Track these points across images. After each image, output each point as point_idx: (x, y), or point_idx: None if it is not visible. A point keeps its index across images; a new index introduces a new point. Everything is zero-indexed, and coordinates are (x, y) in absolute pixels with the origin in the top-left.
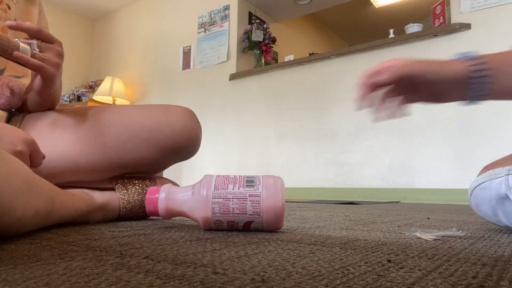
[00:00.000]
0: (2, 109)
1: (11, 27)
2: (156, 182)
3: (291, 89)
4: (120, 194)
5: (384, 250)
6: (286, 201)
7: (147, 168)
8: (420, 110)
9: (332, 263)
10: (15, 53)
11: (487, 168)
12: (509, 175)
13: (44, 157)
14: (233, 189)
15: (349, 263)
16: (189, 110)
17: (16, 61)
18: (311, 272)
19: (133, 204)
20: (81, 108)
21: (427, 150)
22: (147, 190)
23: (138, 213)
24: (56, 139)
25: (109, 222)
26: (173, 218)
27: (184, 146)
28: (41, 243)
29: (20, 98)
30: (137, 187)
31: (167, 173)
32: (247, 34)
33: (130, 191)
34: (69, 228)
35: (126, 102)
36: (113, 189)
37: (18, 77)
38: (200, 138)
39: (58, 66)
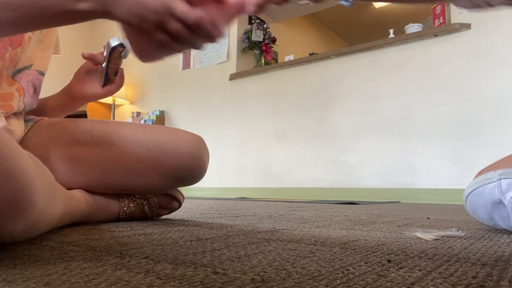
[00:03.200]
0: (25, 105)
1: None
2: (158, 197)
3: (291, 89)
4: (121, 200)
5: (384, 250)
6: (286, 201)
7: (148, 192)
8: (420, 110)
9: (332, 263)
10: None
11: (481, 172)
12: (502, 180)
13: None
14: None
15: (349, 263)
16: (199, 138)
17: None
18: (311, 272)
19: (133, 209)
20: (87, 122)
21: (427, 150)
22: (147, 201)
23: (137, 218)
24: (59, 156)
25: (108, 222)
26: (172, 218)
27: (190, 176)
28: (41, 243)
29: (38, 98)
30: (138, 197)
31: None
32: (247, 34)
33: (132, 198)
34: (69, 228)
35: (126, 102)
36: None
37: (42, 73)
38: (207, 166)
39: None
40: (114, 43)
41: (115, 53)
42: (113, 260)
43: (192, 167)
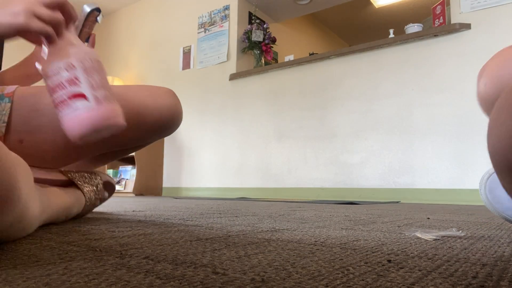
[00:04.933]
0: None
1: None
2: (101, 177)
3: (291, 89)
4: (85, 189)
5: (384, 250)
6: (286, 202)
7: (130, 145)
8: (420, 110)
9: (332, 263)
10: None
11: None
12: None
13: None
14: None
15: (349, 263)
16: (172, 91)
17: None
18: (311, 272)
19: (93, 195)
20: None
21: (427, 150)
22: (97, 185)
23: (96, 204)
24: (44, 112)
25: (107, 222)
26: (172, 218)
27: (170, 126)
28: (41, 243)
29: None
30: (88, 180)
31: (167, 173)
32: (247, 34)
33: (88, 184)
34: (69, 228)
35: None
36: (68, 182)
37: None
38: (182, 115)
39: None
40: (90, 7)
41: (91, 17)
42: (113, 260)
43: (170, 117)
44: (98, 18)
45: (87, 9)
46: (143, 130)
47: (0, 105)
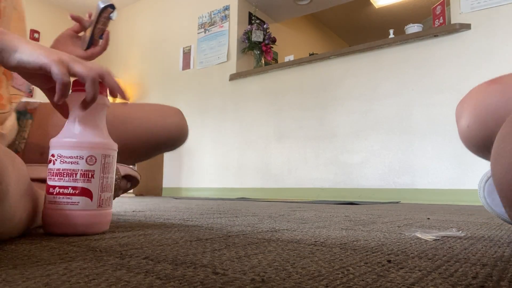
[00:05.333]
0: (20, 89)
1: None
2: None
3: (291, 89)
4: None
5: (384, 251)
6: (286, 202)
7: (139, 158)
8: (420, 110)
9: (332, 264)
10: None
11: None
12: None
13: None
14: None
15: (349, 264)
16: (180, 111)
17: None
18: (311, 272)
19: None
20: None
21: (427, 150)
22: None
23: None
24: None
25: None
26: (172, 218)
27: (177, 142)
28: (41, 244)
29: None
30: None
31: (166, 173)
32: (247, 35)
33: None
34: None
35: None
36: None
37: None
38: (188, 133)
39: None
40: (104, 3)
41: (105, 13)
42: (113, 261)
43: (178, 135)
44: (112, 15)
45: (101, 5)
46: (153, 146)
47: (22, 121)
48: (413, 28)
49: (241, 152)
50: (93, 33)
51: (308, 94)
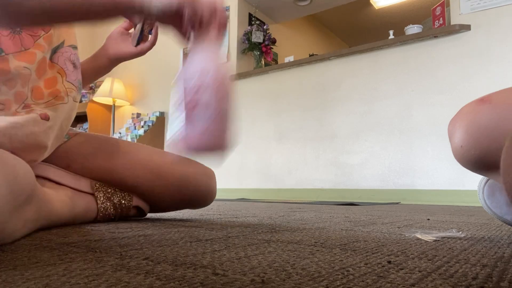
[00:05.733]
0: (72, 83)
1: None
2: (133, 199)
3: (291, 90)
4: (99, 202)
5: (384, 251)
6: (286, 203)
7: (163, 209)
8: (420, 111)
9: (332, 264)
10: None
11: None
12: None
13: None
14: None
15: (349, 264)
16: (213, 173)
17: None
18: (311, 273)
19: (109, 210)
20: (131, 146)
21: (427, 151)
22: (120, 202)
23: (111, 218)
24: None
25: (107, 223)
26: (172, 219)
27: (204, 201)
28: (41, 245)
29: (80, 72)
30: (115, 197)
31: None
32: (247, 35)
33: (108, 198)
34: (69, 229)
35: (126, 103)
36: (91, 194)
37: (75, 47)
38: (215, 195)
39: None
40: None
41: None
42: (113, 261)
43: (204, 195)
44: None
45: None
46: (180, 200)
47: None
48: (413, 29)
49: (241, 153)
50: (143, 29)
51: (308, 95)
